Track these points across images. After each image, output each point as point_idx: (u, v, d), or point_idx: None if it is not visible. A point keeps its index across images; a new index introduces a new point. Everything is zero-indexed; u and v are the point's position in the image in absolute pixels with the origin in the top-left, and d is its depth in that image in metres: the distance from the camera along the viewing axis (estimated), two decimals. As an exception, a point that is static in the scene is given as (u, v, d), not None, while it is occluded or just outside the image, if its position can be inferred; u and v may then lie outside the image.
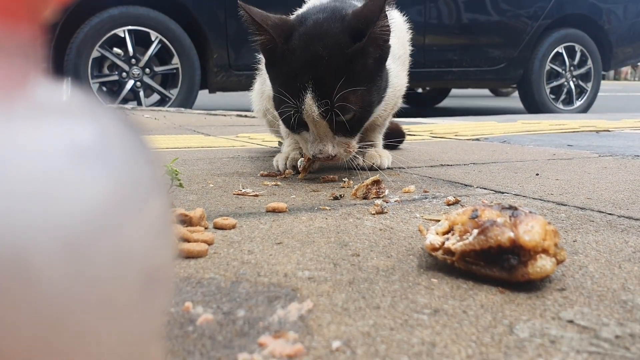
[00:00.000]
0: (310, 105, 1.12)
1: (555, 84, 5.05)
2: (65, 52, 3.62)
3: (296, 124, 1.18)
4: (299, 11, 1.30)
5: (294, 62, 1.14)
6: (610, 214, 0.93)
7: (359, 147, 1.28)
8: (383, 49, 1.18)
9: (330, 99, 1.11)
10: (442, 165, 1.49)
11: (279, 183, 1.19)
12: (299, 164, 1.28)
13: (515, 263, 0.57)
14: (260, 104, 1.55)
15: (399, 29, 1.43)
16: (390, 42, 1.35)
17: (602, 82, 5.34)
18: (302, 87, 1.12)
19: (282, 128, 1.40)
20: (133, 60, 3.78)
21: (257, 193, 1.07)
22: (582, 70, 5.15)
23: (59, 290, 0.19)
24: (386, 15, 1.13)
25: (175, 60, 3.84)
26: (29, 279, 0.19)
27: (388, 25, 1.15)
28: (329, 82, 1.11)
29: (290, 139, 1.40)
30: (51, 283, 0.19)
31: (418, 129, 2.59)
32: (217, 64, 3.92)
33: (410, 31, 1.51)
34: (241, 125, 2.76)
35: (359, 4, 1.25)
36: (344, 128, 1.17)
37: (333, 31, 1.14)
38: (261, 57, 1.47)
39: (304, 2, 1.51)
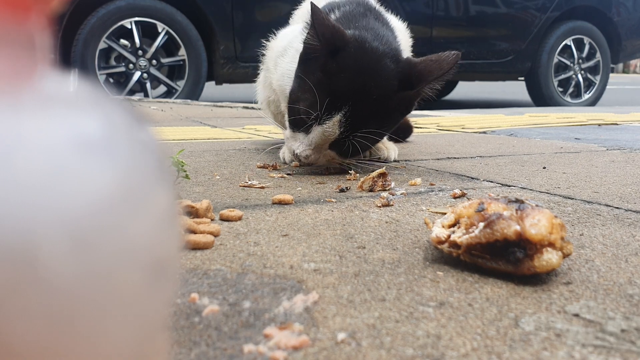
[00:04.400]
0: (334, 124, 1.12)
1: (563, 76, 5.02)
2: (73, 43, 3.62)
3: (303, 125, 1.15)
4: (340, 14, 1.27)
5: (341, 77, 1.11)
6: (617, 207, 0.92)
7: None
8: (418, 99, 1.20)
9: (354, 131, 1.12)
10: (448, 158, 1.49)
11: (285, 175, 1.19)
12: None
13: (522, 256, 0.57)
14: (265, 94, 1.51)
15: (399, 31, 1.40)
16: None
17: (611, 74, 5.29)
18: (336, 103, 1.10)
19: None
20: (140, 52, 3.78)
21: (263, 185, 1.07)
22: (591, 63, 5.11)
23: (66, 283, 0.20)
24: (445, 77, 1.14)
25: (182, 51, 3.83)
26: (36, 272, 0.19)
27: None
28: (363, 117, 1.12)
29: None
30: (58, 276, 0.19)
31: (424, 121, 2.58)
32: (223, 55, 3.92)
33: (411, 40, 1.43)
34: (247, 117, 2.76)
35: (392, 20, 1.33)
36: (342, 151, 1.18)
37: (387, 68, 1.14)
38: (266, 43, 1.45)
39: None
